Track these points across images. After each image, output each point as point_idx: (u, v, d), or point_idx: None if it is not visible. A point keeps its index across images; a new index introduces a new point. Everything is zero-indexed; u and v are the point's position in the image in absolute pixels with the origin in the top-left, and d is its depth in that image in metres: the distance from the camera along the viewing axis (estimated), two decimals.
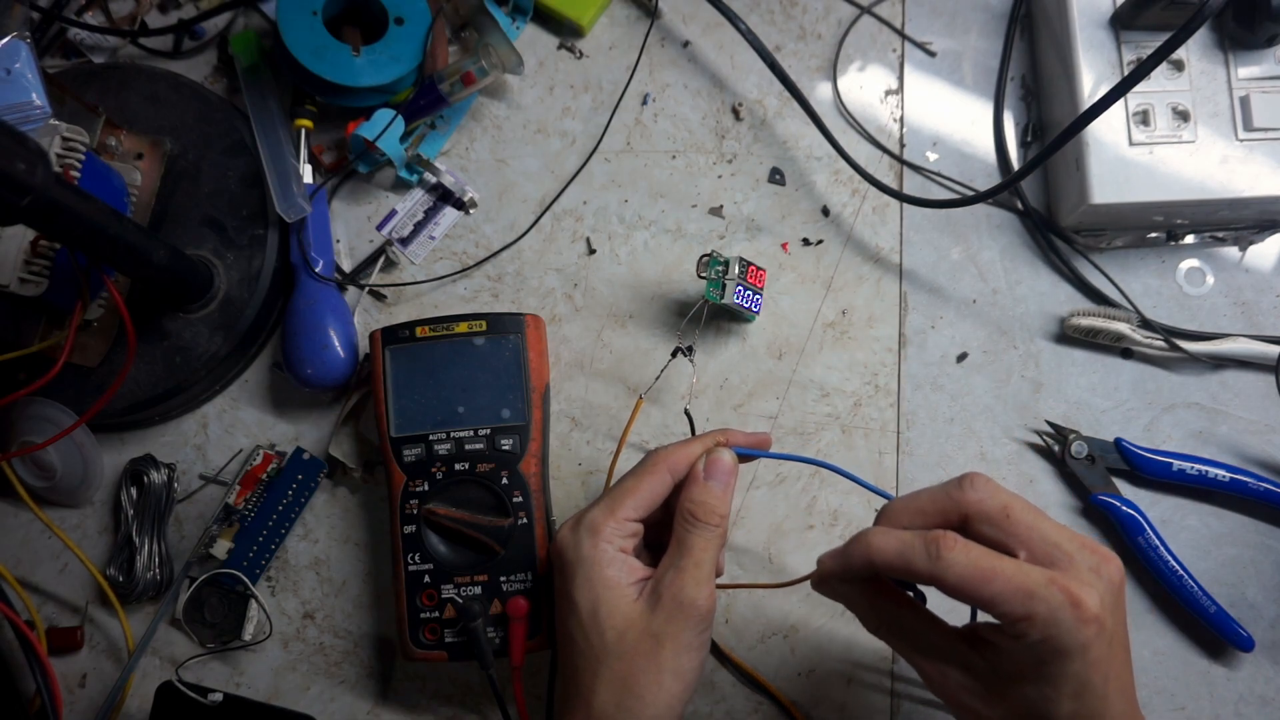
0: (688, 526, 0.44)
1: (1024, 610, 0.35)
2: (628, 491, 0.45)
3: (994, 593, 0.36)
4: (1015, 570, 0.36)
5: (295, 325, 0.55)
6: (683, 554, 0.44)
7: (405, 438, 0.51)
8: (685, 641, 0.43)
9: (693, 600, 0.42)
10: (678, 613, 0.42)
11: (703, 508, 0.44)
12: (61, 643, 0.55)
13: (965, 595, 0.37)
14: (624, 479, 0.46)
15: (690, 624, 0.42)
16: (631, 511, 0.45)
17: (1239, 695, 0.53)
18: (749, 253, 0.58)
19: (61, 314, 0.53)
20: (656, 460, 0.46)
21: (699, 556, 0.43)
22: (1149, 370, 0.56)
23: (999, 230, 0.58)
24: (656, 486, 0.45)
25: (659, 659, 0.42)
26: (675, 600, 0.43)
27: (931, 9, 0.61)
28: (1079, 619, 0.35)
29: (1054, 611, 0.35)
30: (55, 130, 0.49)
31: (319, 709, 0.54)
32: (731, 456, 0.46)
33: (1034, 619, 0.35)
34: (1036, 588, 0.36)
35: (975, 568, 0.36)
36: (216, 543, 0.54)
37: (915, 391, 0.56)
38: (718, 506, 0.44)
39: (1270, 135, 0.53)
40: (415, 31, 0.57)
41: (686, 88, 0.61)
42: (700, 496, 0.44)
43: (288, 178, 0.55)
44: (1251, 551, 0.54)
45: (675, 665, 0.42)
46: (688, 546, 0.44)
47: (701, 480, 0.45)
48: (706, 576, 0.43)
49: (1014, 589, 0.36)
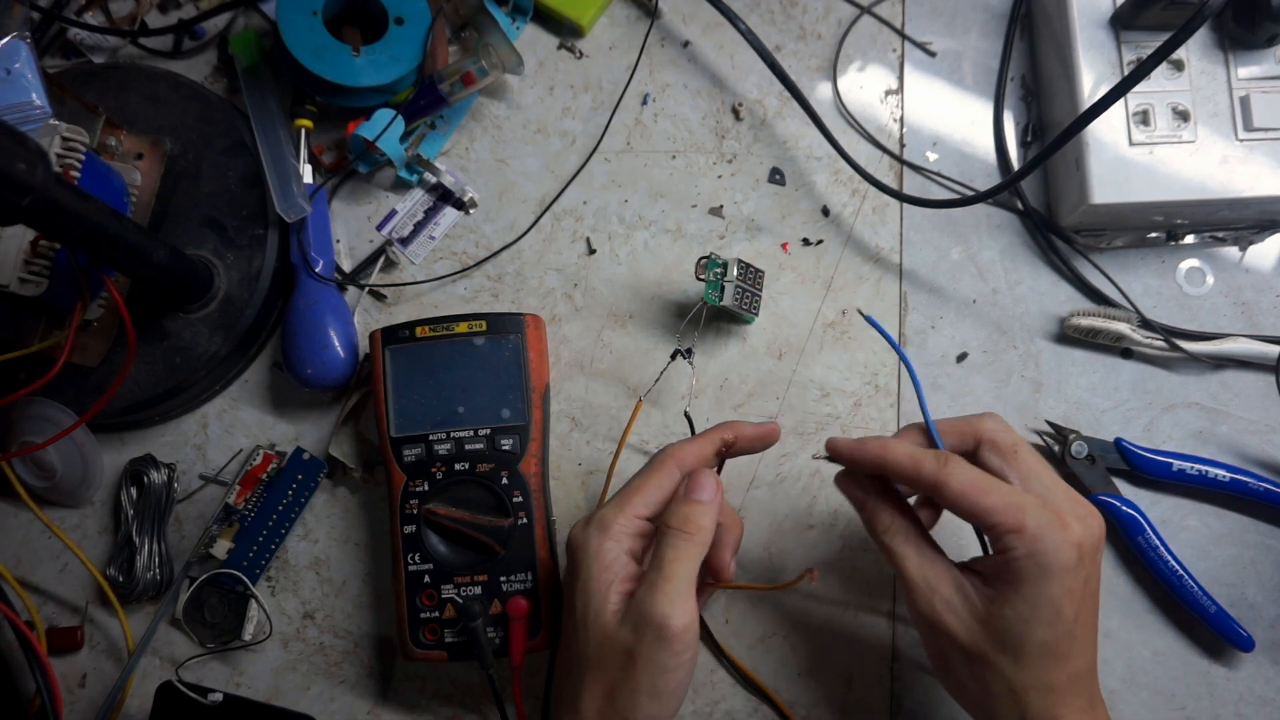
0: (662, 536, 0.43)
1: (1015, 522, 0.39)
2: (636, 489, 0.45)
3: (989, 504, 0.39)
4: (1010, 490, 0.40)
5: (295, 325, 0.55)
6: (654, 567, 0.42)
7: (405, 438, 0.51)
8: (659, 662, 0.40)
9: (663, 617, 0.40)
10: (647, 630, 0.40)
11: (677, 516, 0.43)
12: (61, 643, 0.55)
13: (963, 506, 0.40)
14: (634, 477, 0.46)
15: (661, 644, 0.40)
16: (641, 508, 0.44)
17: (1239, 695, 0.53)
18: (749, 253, 0.58)
19: (61, 314, 0.53)
20: (665, 457, 0.46)
21: (670, 570, 0.41)
22: (1149, 370, 0.56)
23: (999, 230, 0.58)
24: (664, 482, 0.45)
25: (634, 678, 0.41)
26: (644, 617, 0.40)
27: (931, 9, 0.61)
28: (1065, 540, 0.38)
29: (1042, 527, 0.38)
30: (55, 130, 0.49)
31: (319, 709, 0.54)
32: (714, 476, 0.45)
33: (1023, 531, 0.38)
34: (1028, 506, 0.39)
35: (976, 481, 0.40)
36: (216, 543, 0.55)
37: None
38: (695, 517, 0.43)
39: (1270, 135, 0.53)
40: (415, 31, 0.57)
41: (686, 88, 0.61)
42: (679, 508, 0.43)
43: (288, 178, 0.56)
44: (1251, 551, 0.54)
45: (651, 686, 0.41)
46: (659, 558, 0.42)
47: (683, 497, 0.44)
48: (681, 592, 0.41)
49: (1007, 503, 0.39)
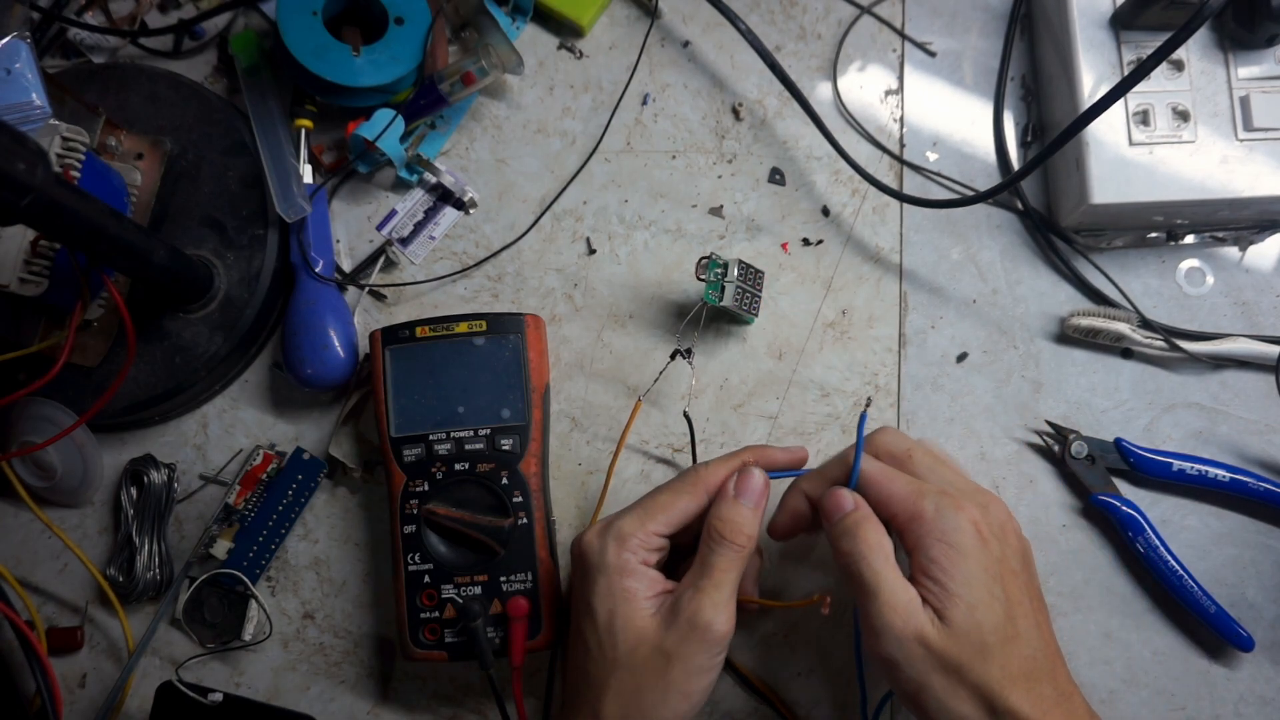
0: (712, 545, 0.43)
1: (915, 508, 0.41)
2: (661, 506, 0.45)
3: (890, 491, 0.42)
4: (909, 480, 0.43)
5: (295, 325, 0.55)
6: (704, 573, 0.43)
7: (405, 438, 0.51)
8: (697, 664, 0.42)
9: (709, 622, 0.42)
10: (691, 634, 0.42)
11: (730, 525, 0.43)
12: (61, 643, 0.55)
13: (868, 492, 0.43)
14: (659, 491, 0.46)
15: (703, 646, 0.42)
16: (662, 526, 0.44)
17: (1239, 695, 0.53)
18: (749, 253, 0.58)
19: (61, 314, 0.53)
20: (696, 480, 0.46)
21: (720, 577, 0.43)
22: (1149, 370, 0.56)
23: (999, 230, 0.58)
24: (691, 506, 0.45)
25: (668, 678, 0.42)
26: (690, 621, 0.42)
27: (931, 9, 0.61)
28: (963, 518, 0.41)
29: (940, 508, 0.41)
30: (55, 130, 0.49)
31: (319, 709, 0.54)
32: (763, 475, 0.45)
33: (923, 516, 0.41)
34: (926, 490, 0.42)
35: (881, 471, 0.43)
36: (216, 543, 0.54)
37: (915, 391, 0.56)
38: (745, 526, 0.43)
39: (1270, 135, 0.53)
40: (415, 31, 0.57)
41: (686, 88, 0.61)
42: (728, 514, 0.44)
43: (288, 178, 0.55)
44: (1251, 551, 0.54)
45: (684, 686, 0.42)
46: (710, 566, 0.43)
47: (731, 498, 0.44)
48: (726, 599, 0.42)
49: (906, 490, 0.42)
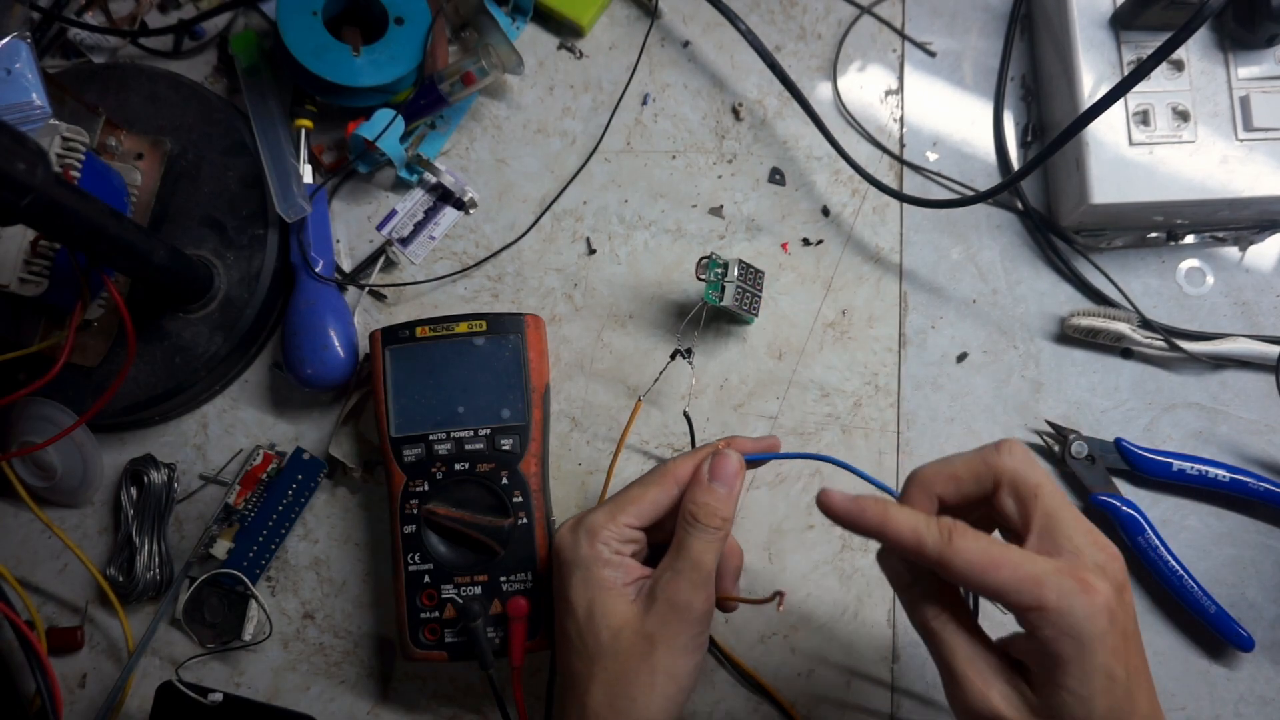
0: (688, 528, 0.43)
1: (1034, 599, 0.35)
2: (631, 499, 0.45)
3: (1002, 581, 0.35)
4: (1023, 559, 0.36)
5: (295, 325, 0.55)
6: (681, 556, 0.43)
7: (405, 438, 0.51)
8: (680, 644, 0.42)
9: (688, 603, 0.42)
10: (672, 615, 0.42)
11: (704, 509, 0.44)
12: (61, 643, 0.55)
13: (973, 581, 0.36)
14: (631, 486, 0.46)
15: (685, 626, 0.42)
16: (633, 519, 0.45)
17: (1239, 695, 0.53)
18: (749, 253, 0.58)
19: (61, 314, 0.53)
20: (665, 472, 0.46)
21: (697, 559, 0.43)
22: (1149, 370, 0.56)
23: (999, 230, 0.58)
24: (661, 498, 0.45)
25: (652, 660, 0.42)
26: (670, 602, 0.42)
27: (931, 9, 0.61)
28: (1092, 607, 0.35)
29: (1064, 599, 0.35)
30: (55, 130, 0.49)
31: (319, 709, 0.54)
32: (738, 458, 0.45)
33: (1045, 609, 0.35)
34: (1045, 577, 0.35)
35: (985, 554, 0.36)
36: (216, 543, 0.54)
37: (915, 391, 0.56)
38: (720, 509, 0.44)
39: (1270, 135, 0.53)
40: (415, 31, 0.57)
41: (686, 88, 0.61)
42: (703, 498, 0.44)
43: (288, 178, 0.55)
44: (1251, 551, 0.54)
45: (669, 667, 0.42)
46: (686, 549, 0.43)
47: (705, 482, 0.44)
48: (704, 580, 0.43)
49: (1021, 577, 0.35)
